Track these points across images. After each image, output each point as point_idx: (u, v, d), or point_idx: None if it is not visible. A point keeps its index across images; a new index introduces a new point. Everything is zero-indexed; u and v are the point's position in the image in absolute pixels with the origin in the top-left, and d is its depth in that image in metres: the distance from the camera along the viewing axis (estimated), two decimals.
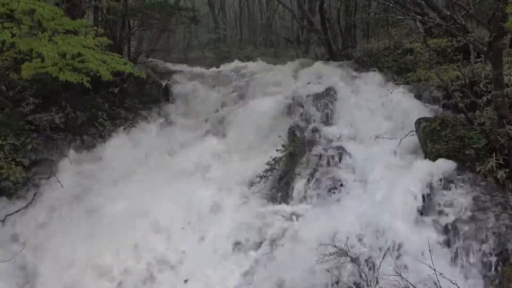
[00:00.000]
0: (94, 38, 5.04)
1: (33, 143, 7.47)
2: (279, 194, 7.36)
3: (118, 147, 8.62)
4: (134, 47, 13.24)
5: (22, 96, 8.24)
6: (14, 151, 7.11)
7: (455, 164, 6.14)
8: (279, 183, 7.55)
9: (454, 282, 3.82)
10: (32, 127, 7.79)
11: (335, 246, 4.79)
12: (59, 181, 7.26)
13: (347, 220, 5.60)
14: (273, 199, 7.28)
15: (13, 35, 4.23)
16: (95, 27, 5.54)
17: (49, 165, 7.44)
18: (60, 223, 6.83)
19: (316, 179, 7.17)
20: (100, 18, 10.48)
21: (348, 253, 4.74)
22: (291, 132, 8.34)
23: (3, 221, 6.54)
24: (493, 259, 4.87)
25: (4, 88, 7.94)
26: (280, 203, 7.06)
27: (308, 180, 7.23)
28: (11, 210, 6.72)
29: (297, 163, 7.66)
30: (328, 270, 4.71)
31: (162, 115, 9.98)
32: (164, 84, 11.08)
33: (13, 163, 6.59)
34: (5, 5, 3.95)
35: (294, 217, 6.44)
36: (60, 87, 8.63)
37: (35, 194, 7.01)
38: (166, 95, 10.82)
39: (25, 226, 6.72)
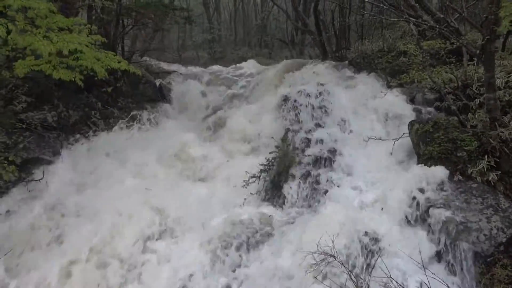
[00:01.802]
0: (88, 36, 5.02)
1: (25, 142, 7.39)
2: (272, 195, 7.35)
3: (111, 146, 8.56)
4: (128, 47, 13.20)
5: (14, 94, 8.16)
6: (6, 149, 7.04)
7: (447, 166, 6.18)
8: (272, 184, 7.53)
9: (445, 283, 3.84)
10: (24, 126, 7.71)
11: (322, 253, 4.76)
12: (48, 182, 7.18)
13: (339, 223, 5.60)
14: (265, 201, 7.26)
15: (8, 32, 4.19)
16: (89, 25, 5.52)
17: (41, 164, 7.36)
18: (51, 223, 6.76)
19: (309, 181, 7.18)
20: (94, 17, 10.42)
21: (336, 258, 4.72)
22: (285, 134, 8.35)
23: None
24: (485, 261, 4.89)
25: None
26: (272, 205, 7.05)
27: (301, 182, 7.24)
28: (2, 209, 6.64)
29: (290, 164, 7.65)
30: (315, 278, 4.67)
31: (156, 115, 9.94)
32: (158, 83, 11.05)
33: (6, 162, 6.51)
34: (1, 2, 3.92)
35: (285, 219, 6.44)
36: (53, 86, 8.58)
37: (26, 193, 6.93)
38: (160, 94, 10.79)
39: (16, 226, 6.64)
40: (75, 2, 9.84)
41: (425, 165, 6.29)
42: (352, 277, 4.08)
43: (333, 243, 4.32)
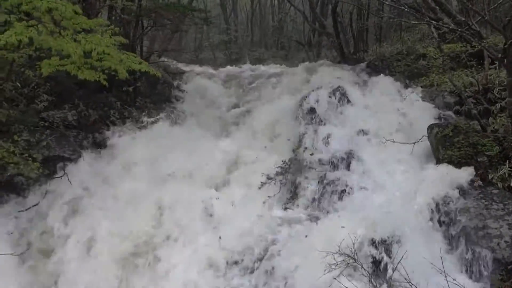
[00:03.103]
0: (110, 37, 5.11)
1: (48, 140, 7.53)
2: (288, 198, 7.34)
3: (129, 146, 8.64)
4: (146, 47, 13.32)
5: (36, 93, 8.31)
6: (28, 147, 7.18)
7: (467, 171, 6.10)
8: (289, 186, 7.52)
9: None
10: (46, 124, 7.85)
11: (342, 254, 4.76)
12: (69, 180, 7.28)
13: (356, 226, 5.58)
14: (281, 203, 7.26)
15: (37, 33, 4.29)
16: (112, 27, 5.60)
17: (61, 162, 7.49)
18: (70, 220, 6.87)
19: (326, 184, 7.14)
20: (114, 18, 10.56)
21: (357, 260, 4.71)
22: (301, 135, 8.34)
23: (16, 217, 6.58)
24: (505, 268, 4.83)
25: (19, 84, 8.02)
26: (289, 207, 7.04)
27: (318, 184, 7.21)
28: (24, 206, 6.77)
29: (307, 167, 7.64)
30: (335, 278, 4.67)
31: (174, 115, 10.01)
32: (175, 84, 11.14)
33: (30, 159, 6.65)
34: (29, 4, 4.02)
35: (302, 222, 6.44)
36: (73, 85, 8.71)
37: (47, 191, 7.06)
38: (177, 94, 10.87)
39: (35, 222, 6.77)
40: (96, 2, 9.99)
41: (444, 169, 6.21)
42: (372, 280, 4.06)
43: (353, 245, 4.31)
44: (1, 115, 6.86)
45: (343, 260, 4.59)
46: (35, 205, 6.80)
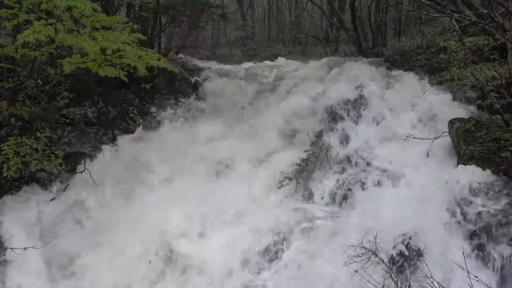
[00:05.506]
0: (129, 34, 5.17)
1: (70, 136, 7.69)
2: (306, 194, 7.31)
3: (148, 143, 8.74)
4: (164, 44, 13.42)
5: (57, 90, 8.47)
6: (50, 143, 7.34)
7: (490, 166, 5.97)
8: (307, 183, 7.49)
9: (489, 285, 3.73)
10: (67, 121, 8.01)
11: (363, 247, 4.73)
12: (91, 176, 7.39)
13: (375, 223, 5.53)
14: (299, 199, 7.24)
15: (55, 31, 4.36)
16: (131, 24, 5.66)
17: (82, 157, 7.62)
18: (90, 215, 6.98)
19: (344, 180, 7.09)
20: (132, 15, 10.68)
21: (378, 255, 4.67)
22: (320, 132, 8.28)
23: (39, 212, 6.73)
24: None
25: (40, 82, 8.18)
26: (307, 203, 7.02)
27: (336, 181, 7.17)
28: (46, 201, 6.91)
29: (325, 163, 7.60)
30: (356, 271, 4.65)
31: (191, 111, 10.08)
32: (193, 80, 11.20)
33: (52, 155, 6.79)
34: (49, 2, 4.08)
35: (320, 218, 6.41)
36: (93, 82, 8.85)
37: (67, 186, 7.20)
38: (195, 91, 10.93)
39: (57, 217, 6.90)
40: (115, 0, 10.12)
41: (466, 165, 6.10)
42: (393, 275, 4.02)
43: (375, 239, 4.27)
44: (24, 112, 7.00)
45: (364, 253, 4.54)
46: (53, 199, 6.94)
